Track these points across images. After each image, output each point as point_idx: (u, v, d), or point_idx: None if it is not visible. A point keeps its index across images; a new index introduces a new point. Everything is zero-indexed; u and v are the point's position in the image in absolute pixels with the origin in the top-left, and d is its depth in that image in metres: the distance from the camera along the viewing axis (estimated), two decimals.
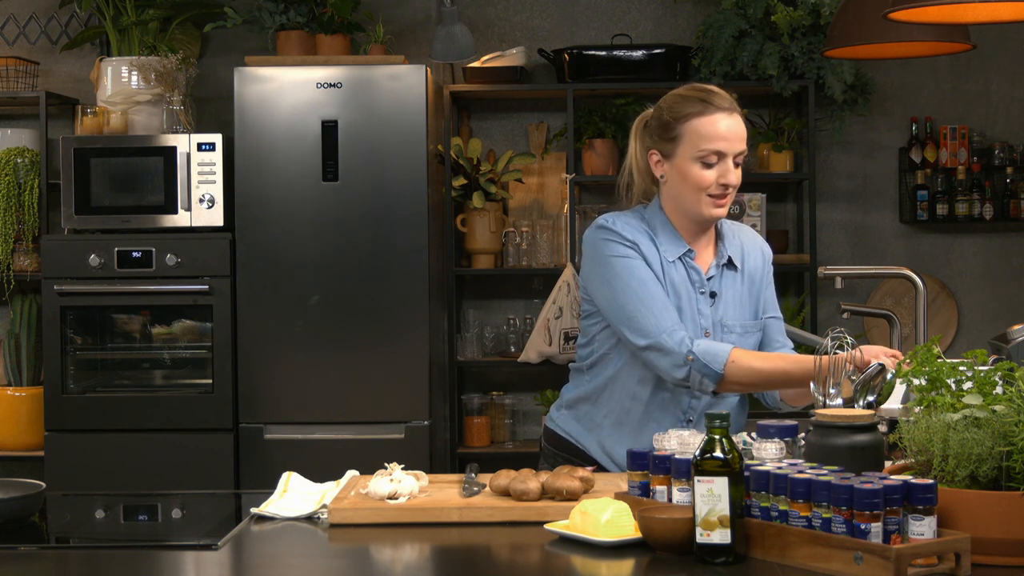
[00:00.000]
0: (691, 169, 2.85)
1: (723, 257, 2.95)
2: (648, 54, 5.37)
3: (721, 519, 2.13)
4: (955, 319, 5.65)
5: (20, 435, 5.29)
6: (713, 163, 2.85)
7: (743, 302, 2.96)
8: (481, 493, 2.61)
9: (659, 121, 2.90)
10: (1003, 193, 5.57)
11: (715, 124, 2.84)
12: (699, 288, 2.92)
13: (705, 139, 2.84)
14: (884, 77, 5.62)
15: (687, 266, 2.91)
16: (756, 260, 3.02)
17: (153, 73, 5.22)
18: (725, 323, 2.92)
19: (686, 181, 2.86)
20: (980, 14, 3.12)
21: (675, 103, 2.89)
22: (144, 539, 2.68)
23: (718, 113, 2.85)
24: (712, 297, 2.92)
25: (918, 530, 2.03)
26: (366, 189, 4.95)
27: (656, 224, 2.92)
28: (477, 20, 5.66)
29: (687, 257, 2.92)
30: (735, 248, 2.98)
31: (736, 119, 2.87)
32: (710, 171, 2.85)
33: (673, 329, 2.81)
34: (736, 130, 2.86)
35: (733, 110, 2.87)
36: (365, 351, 4.95)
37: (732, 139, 2.85)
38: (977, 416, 2.12)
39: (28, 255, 5.39)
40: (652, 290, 2.84)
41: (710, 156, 2.84)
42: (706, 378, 2.80)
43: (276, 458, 4.88)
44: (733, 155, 2.86)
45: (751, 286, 2.99)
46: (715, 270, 2.94)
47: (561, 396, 3.08)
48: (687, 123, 2.85)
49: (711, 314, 2.91)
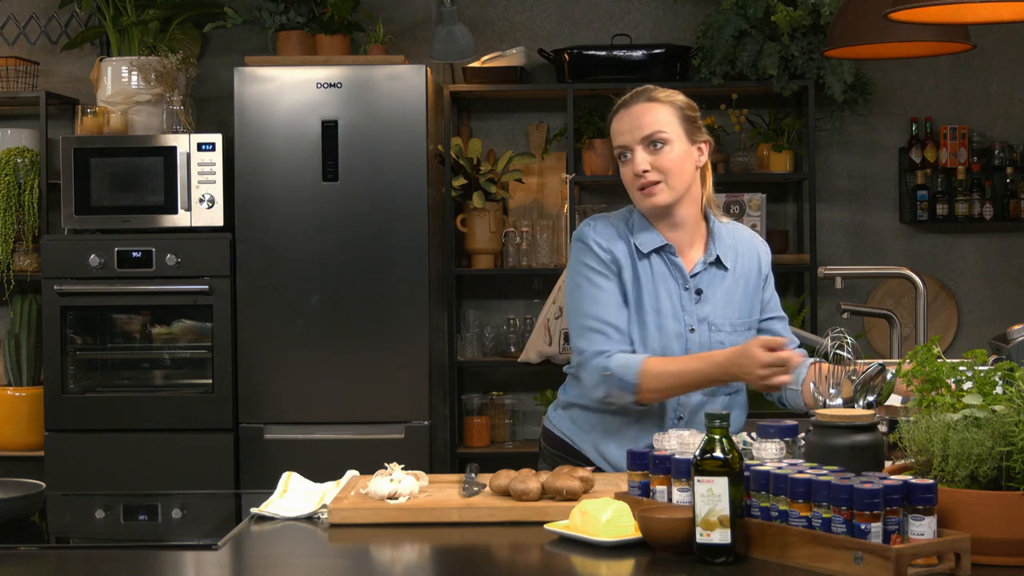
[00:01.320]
0: (620, 169, 2.94)
1: (711, 255, 2.95)
2: (648, 54, 5.37)
3: (721, 519, 2.13)
4: (955, 319, 5.66)
5: (20, 435, 5.29)
6: (625, 159, 2.91)
7: (732, 301, 2.96)
8: (481, 493, 2.61)
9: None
10: (1003, 193, 5.57)
11: (616, 122, 2.93)
12: (683, 284, 2.92)
13: (613, 139, 2.94)
14: (884, 77, 5.62)
15: (667, 262, 2.93)
16: (751, 261, 3.01)
17: (153, 73, 5.22)
18: (712, 321, 2.92)
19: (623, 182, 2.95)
20: (980, 14, 3.12)
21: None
22: (144, 539, 2.68)
23: (620, 111, 2.92)
24: (698, 294, 2.93)
25: (918, 530, 2.03)
26: (366, 189, 4.95)
27: (635, 222, 2.96)
28: (477, 20, 5.66)
29: (667, 252, 2.93)
30: (727, 248, 2.98)
31: (635, 109, 2.89)
32: (626, 167, 2.91)
33: (597, 353, 2.85)
34: (633, 119, 2.89)
35: (635, 101, 2.90)
36: (365, 351, 4.95)
37: (629, 130, 2.89)
38: (977, 416, 2.12)
39: (28, 255, 5.39)
40: (599, 311, 2.88)
41: (621, 152, 2.92)
42: (623, 391, 2.84)
43: (276, 458, 4.88)
44: (639, 142, 2.87)
45: (744, 286, 2.98)
46: (701, 267, 2.94)
47: (558, 397, 3.09)
48: (609, 125, 2.96)
49: (696, 311, 2.92)
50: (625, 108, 2.90)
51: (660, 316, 2.89)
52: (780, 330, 3.03)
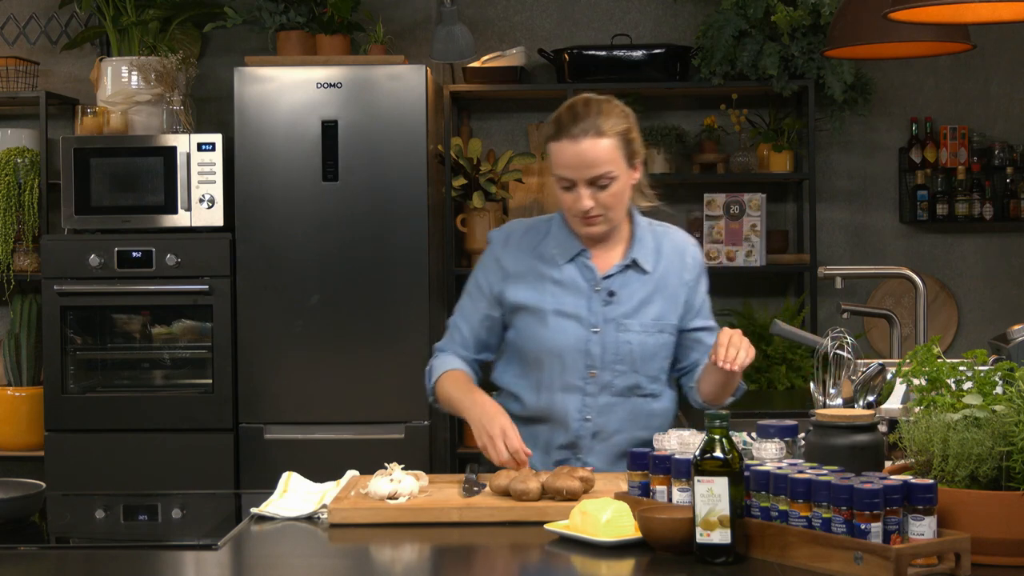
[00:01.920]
0: (556, 188, 2.93)
1: (628, 259, 2.97)
2: (648, 54, 5.36)
3: (721, 519, 2.13)
4: (955, 319, 5.66)
5: (20, 435, 5.28)
6: (567, 187, 2.88)
7: (649, 303, 2.96)
8: (481, 493, 2.61)
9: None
10: (1003, 193, 5.57)
11: (560, 152, 2.86)
12: (593, 286, 2.94)
13: (556, 164, 2.89)
14: (884, 77, 5.62)
15: (580, 266, 2.95)
16: (674, 264, 3.01)
17: (153, 73, 5.22)
18: (621, 322, 2.94)
19: (557, 198, 2.95)
20: (980, 14, 3.12)
21: (550, 120, 2.93)
22: (144, 539, 2.68)
23: (564, 140, 2.85)
24: (610, 296, 2.94)
25: (918, 530, 2.03)
26: (366, 189, 4.95)
27: (553, 228, 2.99)
28: (477, 20, 5.66)
29: (582, 257, 2.95)
30: (647, 250, 2.99)
31: (582, 145, 2.83)
32: (567, 194, 2.89)
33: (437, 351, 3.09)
34: (580, 157, 2.84)
35: (584, 135, 2.83)
36: (365, 351, 4.95)
37: (576, 167, 2.84)
38: (977, 416, 2.12)
39: (28, 255, 5.39)
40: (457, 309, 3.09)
41: (562, 181, 2.88)
42: (427, 387, 3.08)
43: (276, 458, 4.88)
44: (585, 181, 2.85)
45: (664, 290, 2.98)
46: (616, 269, 2.96)
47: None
48: (549, 145, 2.91)
49: (604, 312, 2.93)
50: (572, 140, 2.83)
51: (562, 318, 2.92)
52: (706, 339, 3.02)
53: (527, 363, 2.97)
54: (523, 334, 2.96)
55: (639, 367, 2.94)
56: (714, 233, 5.41)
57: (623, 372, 2.93)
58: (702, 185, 5.54)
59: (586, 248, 2.96)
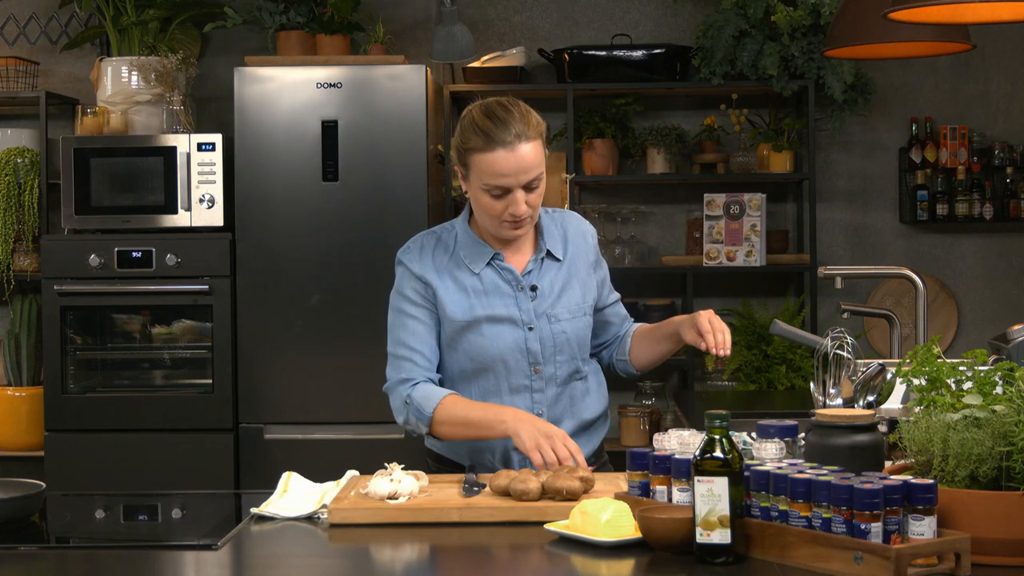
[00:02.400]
0: (482, 198, 2.87)
1: (541, 251, 2.97)
2: (648, 54, 5.37)
3: (721, 519, 2.13)
4: (955, 319, 5.66)
5: (20, 435, 5.29)
6: (499, 195, 2.85)
7: (568, 289, 2.98)
8: (481, 493, 2.61)
9: (456, 144, 2.91)
10: (1003, 193, 5.57)
11: (495, 162, 2.82)
12: (516, 286, 2.94)
13: (487, 175, 2.83)
14: (884, 77, 5.62)
15: (498, 268, 2.94)
16: (579, 247, 3.03)
17: (153, 73, 5.22)
18: (551, 313, 2.94)
19: (479, 207, 2.89)
20: (980, 14, 3.12)
21: (465, 131, 2.88)
22: (144, 539, 2.68)
23: (499, 149, 2.81)
24: (533, 291, 2.95)
25: (918, 530, 2.03)
26: (366, 189, 4.95)
27: (460, 237, 2.97)
28: (477, 20, 5.66)
29: (496, 260, 2.94)
30: (555, 239, 3.00)
31: (520, 151, 2.81)
32: (498, 202, 2.85)
33: (402, 380, 2.91)
34: (518, 163, 2.82)
35: (518, 140, 2.82)
36: (365, 351, 4.95)
37: (514, 173, 2.82)
38: (977, 416, 2.12)
39: (28, 255, 5.39)
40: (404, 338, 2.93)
41: (494, 190, 2.84)
42: (419, 421, 2.89)
43: (276, 458, 4.88)
44: (521, 186, 2.84)
45: (577, 273, 3.01)
46: (533, 264, 2.96)
47: None
48: (472, 156, 2.85)
49: (533, 308, 2.93)
50: (507, 149, 2.80)
51: (496, 323, 2.91)
52: (619, 310, 3.12)
53: (467, 373, 2.95)
54: (460, 346, 2.94)
55: (577, 353, 2.98)
56: (714, 233, 5.41)
57: (564, 362, 2.96)
58: (702, 185, 5.54)
59: (498, 251, 2.95)
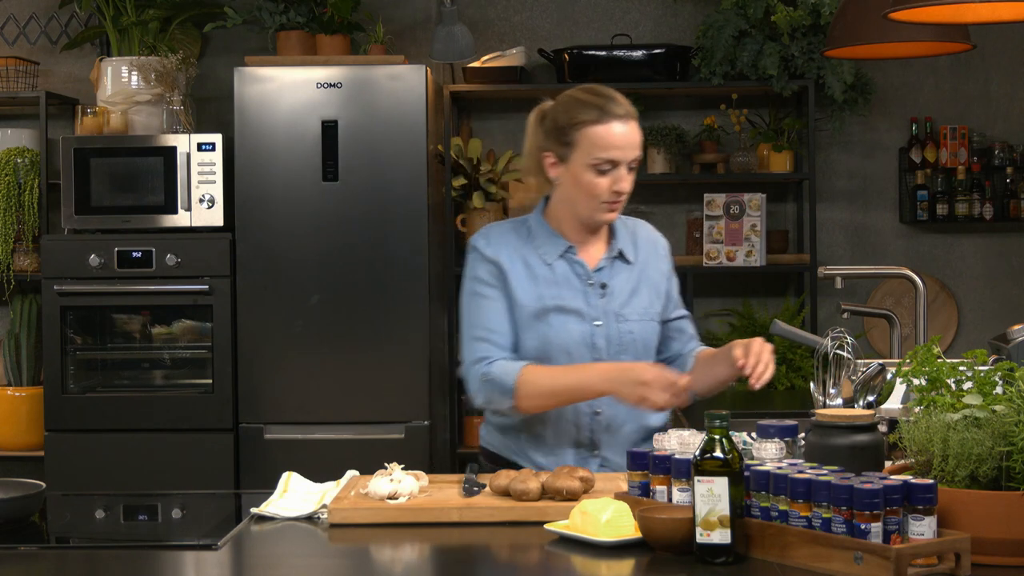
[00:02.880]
0: (585, 176, 2.87)
1: (614, 250, 2.98)
2: (648, 54, 5.37)
3: (721, 519, 2.13)
4: (955, 319, 5.65)
5: (20, 435, 5.29)
6: (607, 171, 2.86)
7: (637, 293, 2.99)
8: (481, 493, 2.61)
9: (554, 124, 2.90)
10: (1003, 193, 5.57)
11: (610, 133, 2.84)
12: (586, 280, 2.94)
13: (599, 147, 2.84)
14: (884, 77, 5.62)
15: (570, 262, 2.95)
16: (650, 254, 3.05)
17: (153, 73, 5.22)
18: (620, 313, 2.95)
19: (579, 187, 2.89)
20: (980, 14, 3.12)
21: (571, 107, 2.89)
22: (144, 539, 2.68)
23: (613, 121, 2.85)
24: (603, 288, 2.95)
25: (918, 530, 2.03)
26: (366, 189, 4.95)
27: (535, 229, 2.97)
28: (477, 20, 5.66)
29: (569, 253, 2.95)
30: (627, 242, 3.01)
31: (632, 126, 2.87)
32: (603, 178, 2.86)
33: (477, 360, 2.89)
34: (631, 138, 2.87)
35: (629, 117, 2.87)
36: (365, 351, 4.95)
37: (626, 147, 2.86)
38: (977, 416, 2.12)
39: (28, 255, 5.39)
40: (480, 319, 2.93)
41: (604, 164, 2.85)
42: (502, 395, 2.85)
43: (276, 458, 4.88)
44: (627, 162, 2.87)
45: (646, 279, 3.01)
46: (605, 262, 2.97)
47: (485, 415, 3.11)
48: (582, 130, 2.85)
49: (602, 305, 2.94)
50: (620, 121, 2.85)
51: (564, 314, 2.91)
52: (686, 328, 3.08)
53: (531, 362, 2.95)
54: (526, 333, 2.95)
55: (641, 356, 2.96)
56: (714, 233, 5.41)
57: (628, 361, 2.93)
58: (702, 185, 5.54)
59: (573, 244, 2.96)
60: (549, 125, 2.91)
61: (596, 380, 2.82)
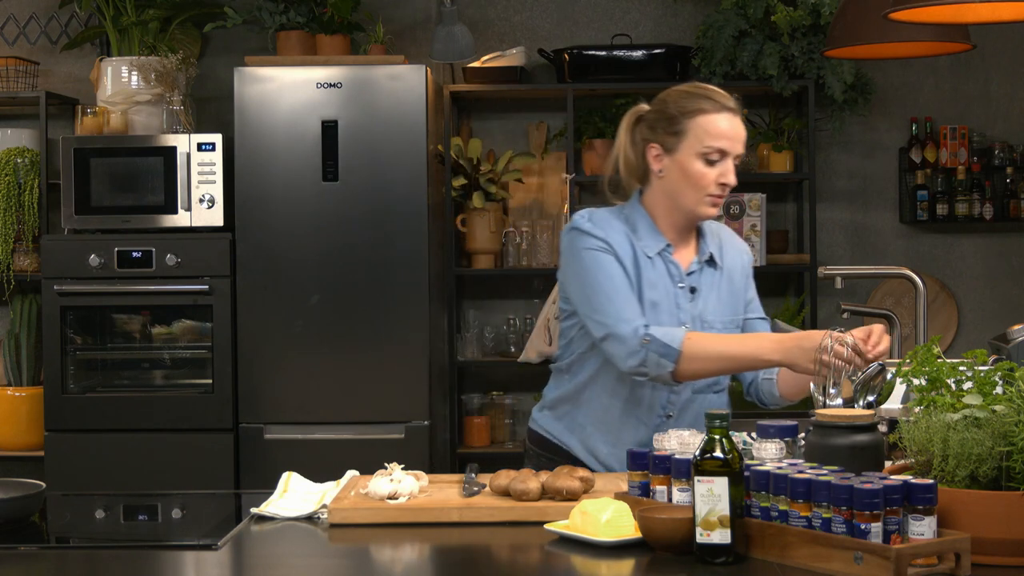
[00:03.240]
0: (694, 165, 2.86)
1: (704, 254, 2.97)
2: (648, 54, 5.37)
3: (721, 519, 2.13)
4: (955, 319, 5.65)
5: (20, 435, 5.29)
6: (716, 160, 2.86)
7: (724, 298, 2.98)
8: (481, 493, 2.61)
9: (663, 115, 2.90)
10: (1003, 193, 5.57)
11: (720, 123, 2.86)
12: (678, 283, 2.93)
13: (711, 136, 2.85)
14: (884, 77, 5.62)
15: (666, 261, 2.93)
16: (735, 259, 3.04)
17: (153, 73, 5.22)
18: (705, 318, 2.93)
19: (687, 177, 2.88)
20: (980, 14, 3.12)
21: (681, 98, 2.90)
22: (144, 539, 2.68)
23: (725, 112, 2.87)
24: (692, 292, 2.94)
25: (918, 530, 2.03)
26: (366, 189, 4.95)
27: (636, 220, 2.94)
28: (477, 20, 5.66)
29: (666, 252, 2.93)
30: (715, 246, 3.00)
31: (739, 121, 2.90)
32: (712, 168, 2.86)
33: (630, 319, 2.80)
34: (740, 131, 2.90)
35: (737, 112, 2.90)
36: (365, 351, 4.95)
37: (735, 139, 2.88)
38: (977, 416, 2.12)
39: (28, 255, 5.39)
40: (616, 283, 2.84)
41: (714, 153, 2.85)
42: (663, 358, 2.75)
43: (276, 458, 4.88)
44: (734, 155, 2.88)
45: (731, 284, 3.01)
46: (696, 266, 2.96)
47: (543, 397, 3.08)
48: (694, 119, 2.86)
49: (690, 308, 2.92)
50: (732, 113, 2.88)
51: (653, 310, 2.89)
52: (762, 329, 3.05)
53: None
54: None
55: None
56: None
57: None
58: None
59: (671, 243, 2.94)
60: (654, 117, 2.91)
61: (769, 350, 2.76)
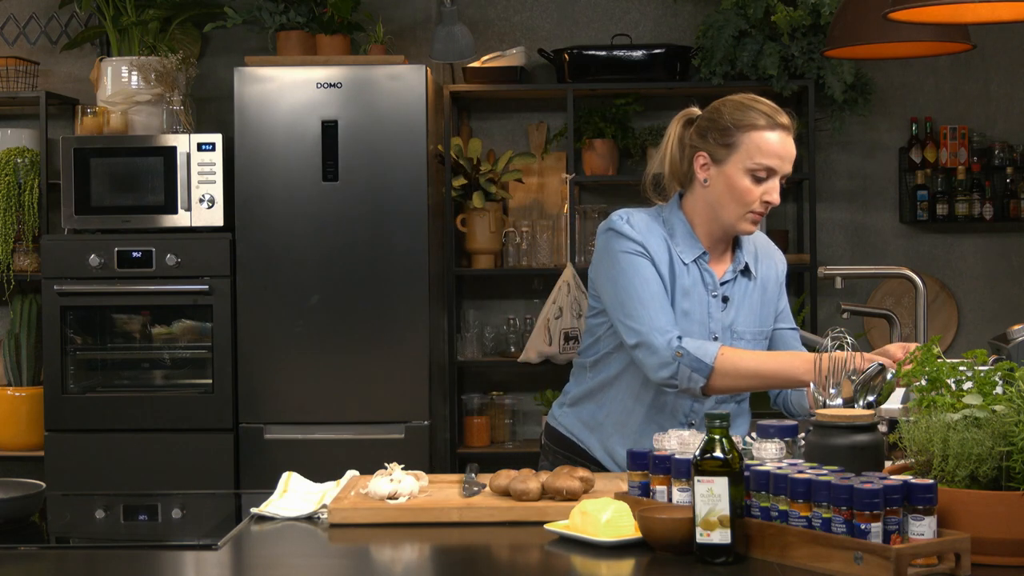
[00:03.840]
0: (741, 180, 2.83)
1: (740, 263, 2.94)
2: (648, 54, 5.37)
3: (721, 519, 2.13)
4: (955, 319, 5.66)
5: (20, 435, 5.29)
6: (763, 178, 2.83)
7: (755, 309, 2.95)
8: (481, 493, 2.61)
9: (716, 124, 2.85)
10: (1003, 193, 5.57)
11: (772, 141, 2.81)
12: (712, 291, 2.90)
13: (763, 153, 2.81)
14: (884, 77, 5.62)
15: (701, 269, 2.90)
16: (770, 269, 3.01)
17: (153, 73, 5.22)
18: (735, 329, 2.91)
19: (732, 191, 2.84)
20: (980, 14, 3.12)
21: (736, 110, 2.84)
22: (144, 539, 2.68)
23: (778, 130, 2.83)
24: (724, 302, 2.91)
25: (918, 530, 2.03)
26: (366, 189, 4.95)
27: (674, 224, 2.91)
28: (477, 20, 5.66)
29: (702, 260, 2.90)
30: (750, 255, 2.97)
31: (791, 140, 2.85)
32: (758, 186, 2.83)
33: (665, 329, 2.78)
34: (790, 150, 2.84)
35: (790, 130, 2.85)
36: (365, 351, 4.95)
37: (785, 158, 2.83)
38: (977, 416, 2.12)
39: (28, 255, 5.39)
40: (652, 289, 2.82)
41: (762, 171, 2.82)
42: (696, 372, 2.74)
43: (276, 458, 4.88)
44: (781, 174, 2.84)
45: (763, 294, 2.98)
46: (731, 275, 2.92)
47: (564, 393, 3.06)
48: (747, 133, 2.82)
49: (722, 318, 2.90)
50: (784, 131, 2.83)
51: (688, 320, 2.87)
52: (791, 340, 3.02)
53: None
54: None
55: None
56: None
57: None
58: None
59: (707, 251, 2.91)
60: (707, 126, 2.87)
61: (803, 371, 2.73)
